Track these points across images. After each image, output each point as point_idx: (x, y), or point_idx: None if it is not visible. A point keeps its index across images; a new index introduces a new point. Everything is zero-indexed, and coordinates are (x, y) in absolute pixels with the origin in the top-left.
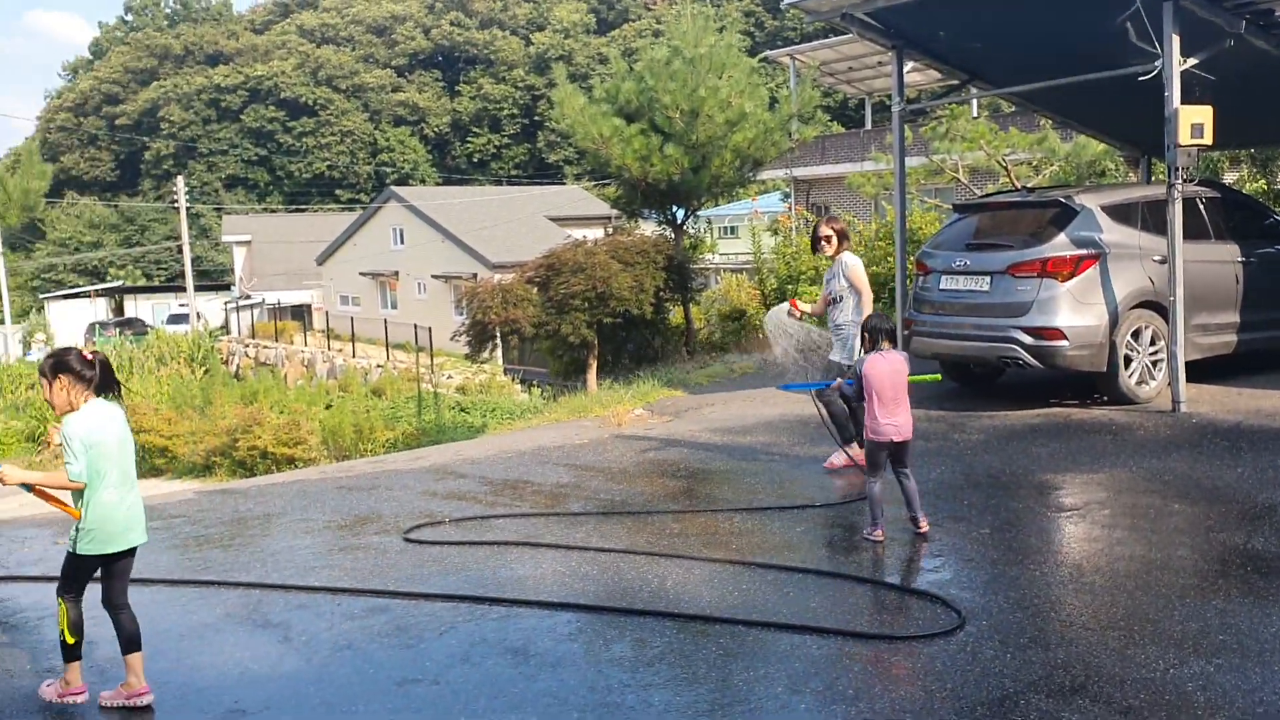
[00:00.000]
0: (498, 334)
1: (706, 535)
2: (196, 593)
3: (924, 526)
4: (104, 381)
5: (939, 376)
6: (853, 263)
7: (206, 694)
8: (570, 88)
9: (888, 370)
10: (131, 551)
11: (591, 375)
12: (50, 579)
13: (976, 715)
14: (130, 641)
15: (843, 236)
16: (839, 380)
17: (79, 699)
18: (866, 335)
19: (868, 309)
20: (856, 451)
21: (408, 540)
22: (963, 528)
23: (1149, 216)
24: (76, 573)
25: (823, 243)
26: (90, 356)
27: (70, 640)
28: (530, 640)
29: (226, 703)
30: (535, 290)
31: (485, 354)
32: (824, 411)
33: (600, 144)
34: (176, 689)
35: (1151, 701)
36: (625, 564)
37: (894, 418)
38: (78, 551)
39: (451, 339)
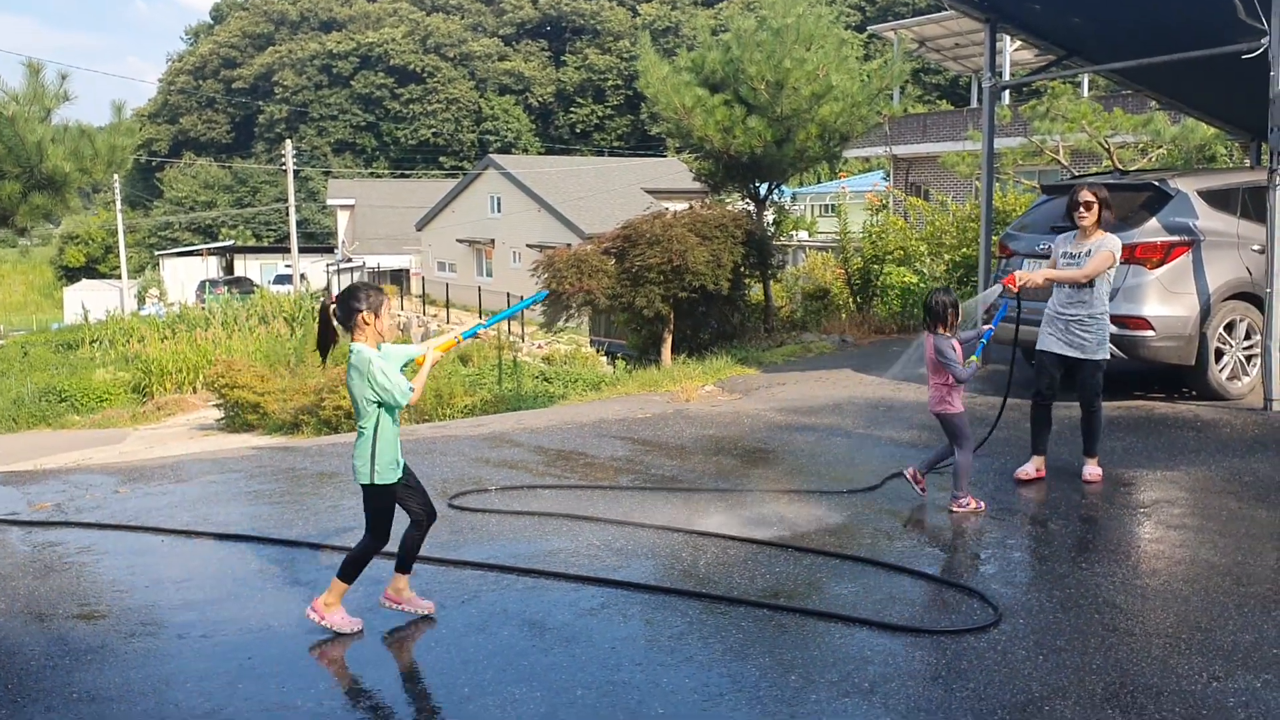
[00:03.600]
0: (573, 304)
1: (751, 516)
2: (236, 547)
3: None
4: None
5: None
6: (1107, 248)
7: (223, 648)
8: (654, 56)
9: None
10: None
11: (666, 349)
12: (104, 527)
13: (995, 719)
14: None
15: (1105, 207)
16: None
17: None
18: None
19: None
20: (1089, 472)
21: (452, 506)
22: (1017, 521)
23: (1250, 203)
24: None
25: (1081, 209)
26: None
27: None
28: (550, 613)
29: (239, 658)
30: (611, 261)
31: (560, 323)
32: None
33: (682, 114)
34: (195, 641)
35: (1187, 716)
36: (662, 541)
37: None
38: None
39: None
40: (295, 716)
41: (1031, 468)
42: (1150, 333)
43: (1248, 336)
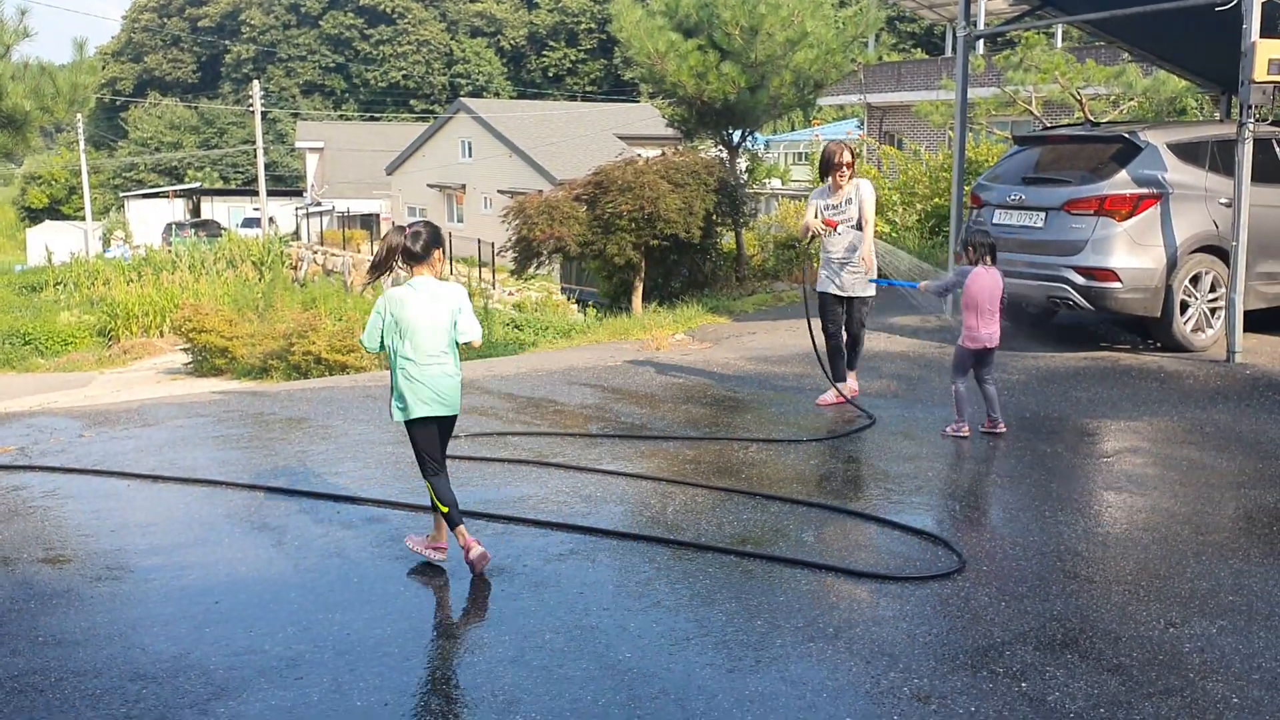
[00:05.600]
0: (544, 252)
1: (718, 463)
2: (203, 491)
3: (1001, 428)
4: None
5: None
6: (868, 191)
7: (189, 592)
8: None
9: (988, 284)
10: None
11: (637, 298)
12: (68, 471)
13: (956, 664)
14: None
15: (855, 158)
16: (923, 283)
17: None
18: (971, 249)
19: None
20: (850, 388)
21: None
22: (982, 469)
23: (1219, 156)
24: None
25: (845, 169)
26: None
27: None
28: (519, 559)
29: (206, 602)
30: (583, 208)
31: (531, 270)
32: (821, 347)
33: (655, 59)
34: (161, 585)
35: (1143, 660)
36: (630, 488)
37: (991, 328)
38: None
39: (497, 254)
40: (262, 660)
41: (831, 395)
42: (1117, 284)
43: (1212, 289)
